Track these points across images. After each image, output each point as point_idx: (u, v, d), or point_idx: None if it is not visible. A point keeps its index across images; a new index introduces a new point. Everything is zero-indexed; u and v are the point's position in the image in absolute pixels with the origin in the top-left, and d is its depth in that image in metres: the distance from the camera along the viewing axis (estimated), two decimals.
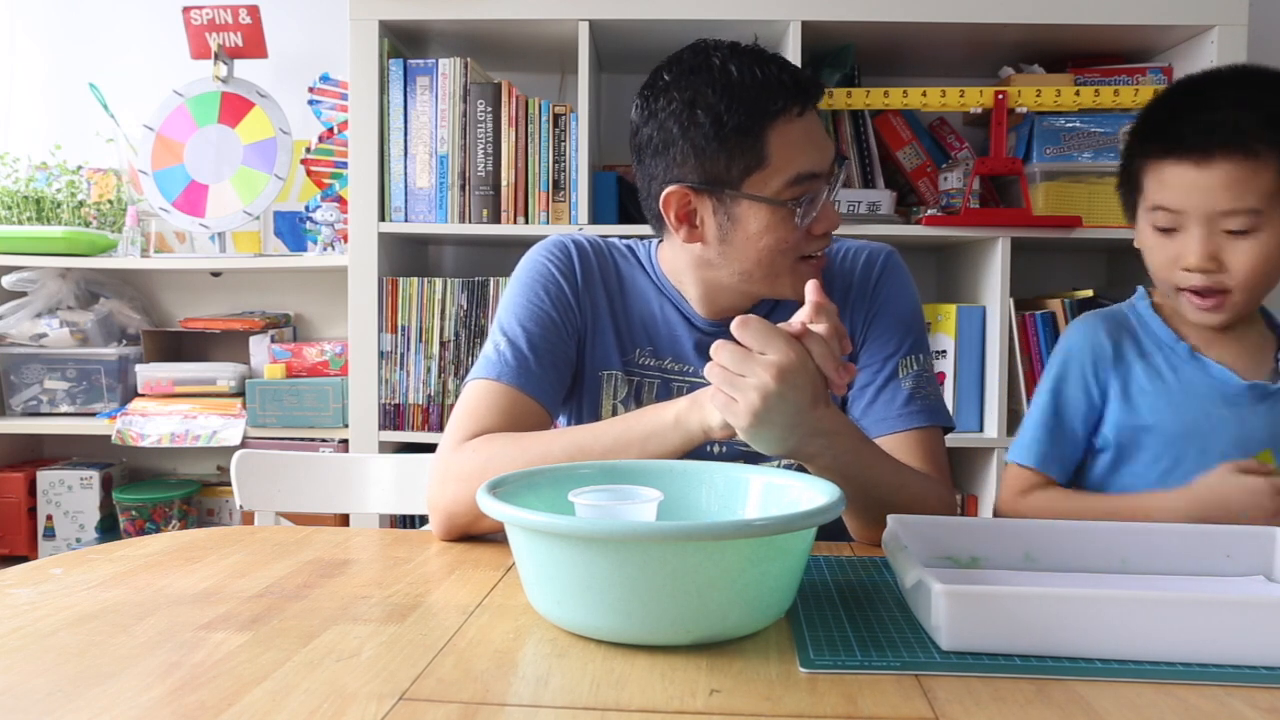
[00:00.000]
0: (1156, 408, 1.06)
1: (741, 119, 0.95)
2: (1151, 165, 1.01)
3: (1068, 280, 2.08)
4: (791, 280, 1.01)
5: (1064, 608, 0.62)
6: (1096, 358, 1.09)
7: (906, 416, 1.04)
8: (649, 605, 0.62)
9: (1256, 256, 0.98)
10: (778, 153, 0.96)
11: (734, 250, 1.00)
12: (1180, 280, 1.01)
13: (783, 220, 0.97)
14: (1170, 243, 1.01)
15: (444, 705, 0.54)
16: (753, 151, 0.96)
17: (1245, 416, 1.03)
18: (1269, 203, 0.96)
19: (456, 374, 1.89)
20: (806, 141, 0.97)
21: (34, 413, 2.13)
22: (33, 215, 2.11)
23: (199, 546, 0.91)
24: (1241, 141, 0.95)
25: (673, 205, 1.00)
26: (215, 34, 2.11)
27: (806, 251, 1.01)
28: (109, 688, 0.56)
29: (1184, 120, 0.99)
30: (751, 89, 0.95)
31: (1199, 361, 1.06)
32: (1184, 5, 1.76)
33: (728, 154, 0.96)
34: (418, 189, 1.88)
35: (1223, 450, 1.02)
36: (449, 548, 0.92)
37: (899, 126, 1.99)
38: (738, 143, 0.95)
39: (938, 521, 0.82)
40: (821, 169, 0.98)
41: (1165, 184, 0.99)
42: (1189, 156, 0.97)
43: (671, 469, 0.84)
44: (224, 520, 2.19)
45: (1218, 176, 0.96)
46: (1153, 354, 1.08)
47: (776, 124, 0.95)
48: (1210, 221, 0.98)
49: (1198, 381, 1.05)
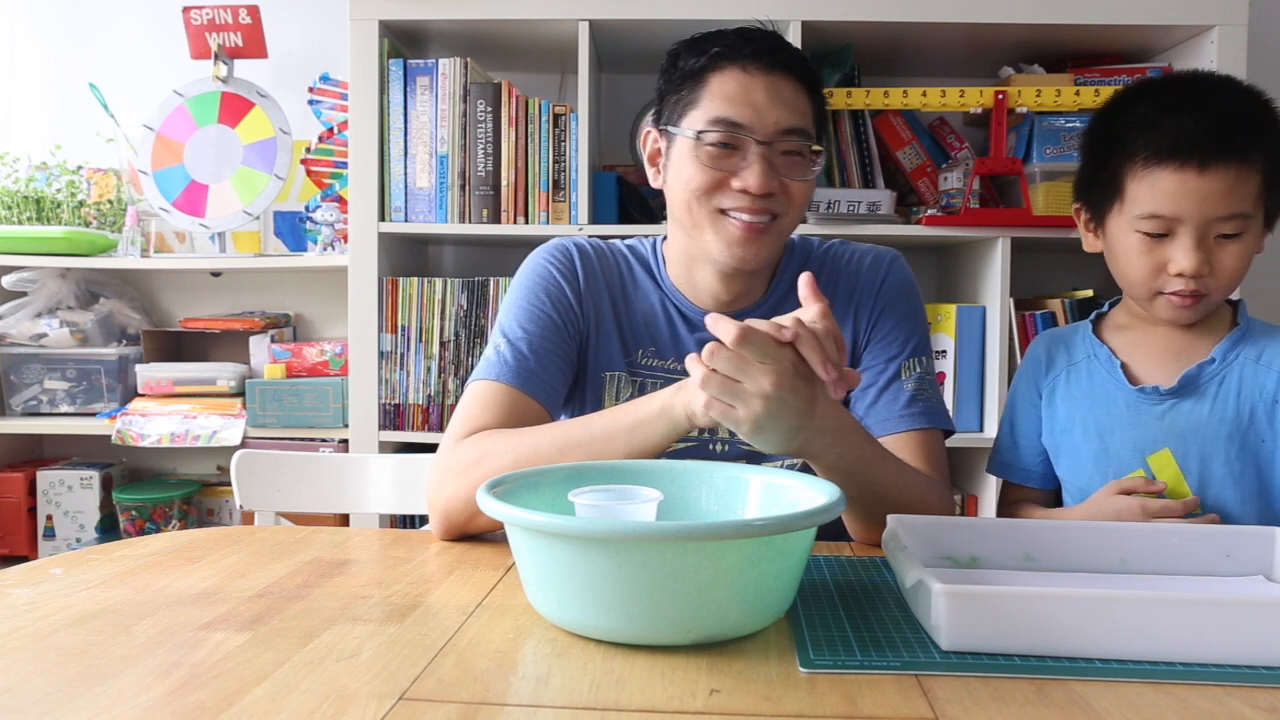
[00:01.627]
0: (1069, 413, 1.11)
1: (693, 60, 1.02)
2: (1138, 171, 0.99)
3: (1068, 280, 2.07)
4: (714, 235, 1.02)
5: (1064, 608, 0.62)
6: (1035, 370, 1.15)
7: (909, 418, 1.04)
8: (649, 605, 0.62)
9: (1241, 259, 0.99)
10: (710, 96, 1.00)
11: (670, 191, 1.05)
12: (1166, 285, 1.00)
13: (693, 157, 1.00)
14: (1158, 248, 1.00)
15: (444, 705, 0.54)
16: (692, 91, 1.02)
17: (1144, 418, 1.05)
18: (1254, 207, 0.98)
19: (456, 374, 1.89)
20: (742, 94, 1.00)
21: (34, 413, 2.13)
22: (33, 215, 2.11)
23: (199, 546, 0.91)
24: (1238, 147, 0.95)
25: (647, 146, 1.09)
26: (215, 34, 2.11)
27: (723, 204, 1.01)
28: (109, 688, 0.56)
29: (1171, 125, 0.97)
30: (712, 39, 1.03)
31: (1111, 366, 1.09)
32: (1184, 5, 1.76)
33: (676, 92, 1.04)
34: (418, 189, 1.88)
35: (1120, 450, 1.06)
36: (449, 548, 0.92)
37: (899, 126, 1.99)
38: (686, 83, 1.03)
39: (938, 521, 0.82)
40: (748, 122, 0.99)
41: (1160, 191, 0.98)
42: (1189, 163, 0.96)
43: (671, 469, 0.84)
44: (224, 520, 2.19)
45: (1216, 182, 0.95)
46: (1079, 363, 1.12)
47: (721, 71, 1.01)
48: (1205, 227, 0.97)
49: (1106, 386, 1.09)
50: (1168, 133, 0.97)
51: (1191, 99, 1.00)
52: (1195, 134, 0.96)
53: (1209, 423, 1.03)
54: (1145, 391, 1.05)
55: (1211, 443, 1.03)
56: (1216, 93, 1.01)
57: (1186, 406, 1.04)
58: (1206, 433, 1.03)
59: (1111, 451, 1.07)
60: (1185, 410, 1.04)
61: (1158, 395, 1.05)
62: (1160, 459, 1.05)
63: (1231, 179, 0.95)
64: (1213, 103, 0.99)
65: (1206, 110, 0.97)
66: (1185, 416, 1.04)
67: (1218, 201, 0.96)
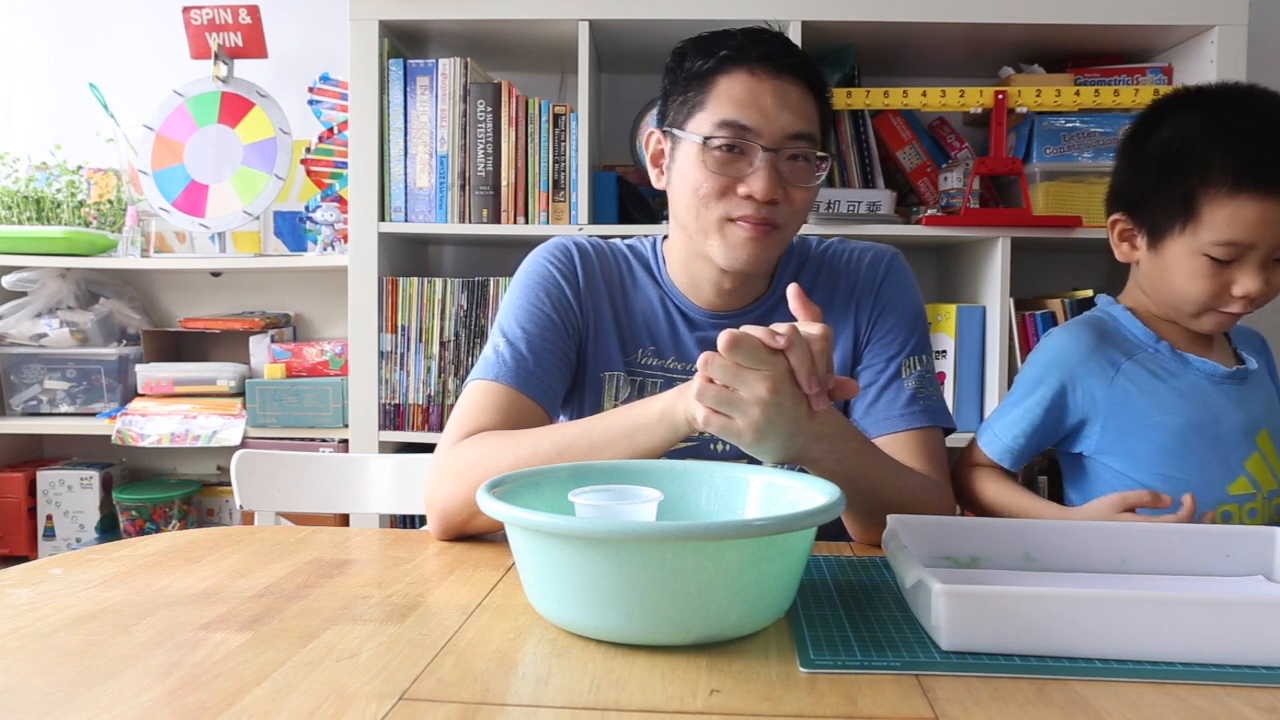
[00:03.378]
0: (1157, 407, 1.08)
1: (699, 62, 1.01)
2: (1218, 196, 0.99)
3: (1068, 280, 2.08)
4: (720, 242, 1.01)
5: (1064, 608, 0.62)
6: (1087, 369, 1.10)
7: (908, 416, 1.04)
8: (649, 605, 0.62)
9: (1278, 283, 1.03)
10: (717, 98, 0.99)
11: (674, 194, 1.04)
12: (1227, 306, 1.03)
13: (699, 161, 0.99)
14: (1224, 272, 1.02)
15: (444, 705, 0.54)
16: (699, 93, 1.01)
17: (1237, 401, 1.08)
18: None
19: (456, 374, 1.89)
20: (749, 98, 0.99)
21: (34, 413, 2.12)
22: (33, 215, 2.11)
23: (199, 546, 0.91)
24: None
25: (649, 147, 1.08)
26: (215, 34, 2.11)
27: (731, 211, 1.00)
28: (109, 688, 0.56)
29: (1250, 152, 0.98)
30: (720, 40, 1.01)
31: (1182, 358, 1.10)
32: (1184, 5, 1.76)
33: (682, 94, 1.03)
34: (418, 189, 1.88)
35: (1233, 437, 1.07)
36: (449, 548, 0.92)
37: (899, 126, 1.99)
38: (692, 85, 1.02)
39: (938, 521, 0.82)
40: (756, 126, 0.98)
41: (1241, 220, 0.99)
42: (1274, 193, 0.97)
43: (672, 469, 0.84)
44: (224, 520, 2.19)
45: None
46: (1138, 355, 1.11)
47: (729, 74, 0.99)
48: (1272, 253, 1.01)
49: (1189, 376, 1.09)
50: (1253, 160, 0.98)
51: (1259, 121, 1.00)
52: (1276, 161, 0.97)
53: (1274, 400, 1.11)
54: (1234, 374, 1.09)
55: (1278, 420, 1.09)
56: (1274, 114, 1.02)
57: (1257, 387, 1.10)
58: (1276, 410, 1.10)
59: (1225, 440, 1.07)
60: (1257, 390, 1.10)
61: (1239, 377, 1.09)
62: (1264, 438, 1.08)
63: None
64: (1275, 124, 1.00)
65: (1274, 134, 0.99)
66: (1260, 396, 1.10)
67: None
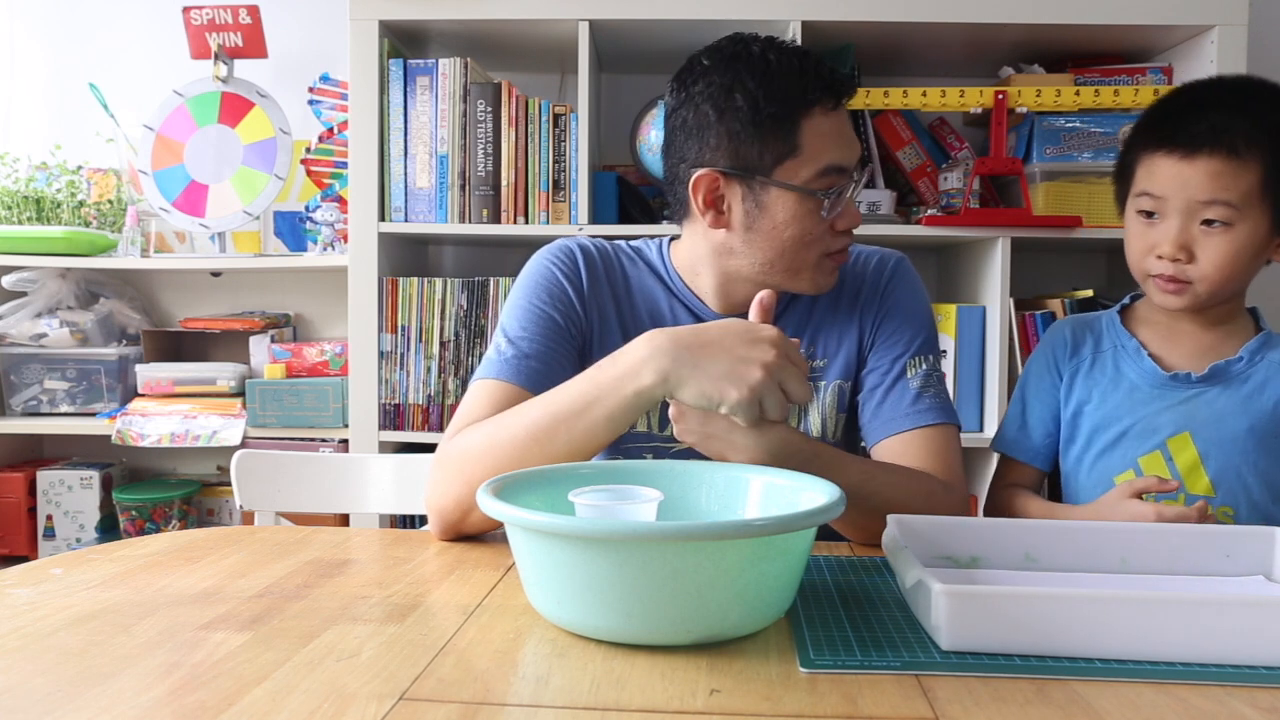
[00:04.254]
0: (1088, 396, 1.14)
1: (778, 106, 0.96)
2: (1144, 157, 1.07)
3: (1068, 280, 2.08)
4: (811, 275, 1.03)
5: (1064, 608, 0.62)
6: (1060, 351, 1.18)
7: (914, 415, 1.03)
8: (649, 605, 0.62)
9: (1224, 252, 1.03)
10: (810, 143, 0.98)
11: (759, 239, 1.01)
12: (1151, 267, 1.07)
13: (809, 211, 0.99)
14: (1150, 230, 1.07)
15: (444, 705, 0.54)
16: (786, 139, 0.97)
17: (1169, 402, 1.09)
18: (1245, 202, 1.02)
19: (456, 374, 1.89)
20: (838, 135, 0.99)
21: (34, 413, 2.12)
22: (33, 215, 2.11)
23: (199, 546, 0.91)
24: (1229, 141, 1.01)
25: (701, 189, 1.00)
26: (215, 34, 2.11)
27: (829, 248, 1.02)
28: (109, 688, 0.56)
29: (1180, 119, 1.05)
30: (790, 77, 0.97)
31: (1138, 355, 1.13)
32: (1184, 5, 1.76)
33: (761, 140, 0.97)
34: (418, 189, 1.88)
35: (1141, 431, 1.10)
36: (449, 548, 0.92)
37: (899, 126, 1.99)
38: (772, 129, 0.97)
39: (938, 521, 0.82)
40: (850, 163, 1.00)
41: (1153, 173, 1.06)
42: (1177, 149, 1.03)
43: (671, 469, 0.84)
44: (224, 520, 2.19)
45: (1201, 169, 1.02)
46: (1106, 351, 1.15)
47: (811, 115, 0.98)
48: (1189, 212, 1.04)
49: (1131, 373, 1.13)
50: (1170, 124, 1.05)
51: (1214, 97, 1.06)
52: (1192, 127, 1.03)
53: (1233, 413, 1.07)
54: (1176, 377, 1.10)
55: (1233, 433, 1.07)
56: (1245, 94, 1.06)
57: (1212, 395, 1.08)
58: (1230, 422, 1.07)
59: (1129, 434, 1.10)
60: (1210, 398, 1.08)
61: (1187, 381, 1.09)
62: (1179, 441, 1.08)
63: (1217, 168, 1.01)
64: (1228, 101, 1.05)
65: (1219, 108, 1.04)
66: (1210, 405, 1.08)
67: (1200, 186, 1.02)
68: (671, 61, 2.17)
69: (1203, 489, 1.07)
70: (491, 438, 0.91)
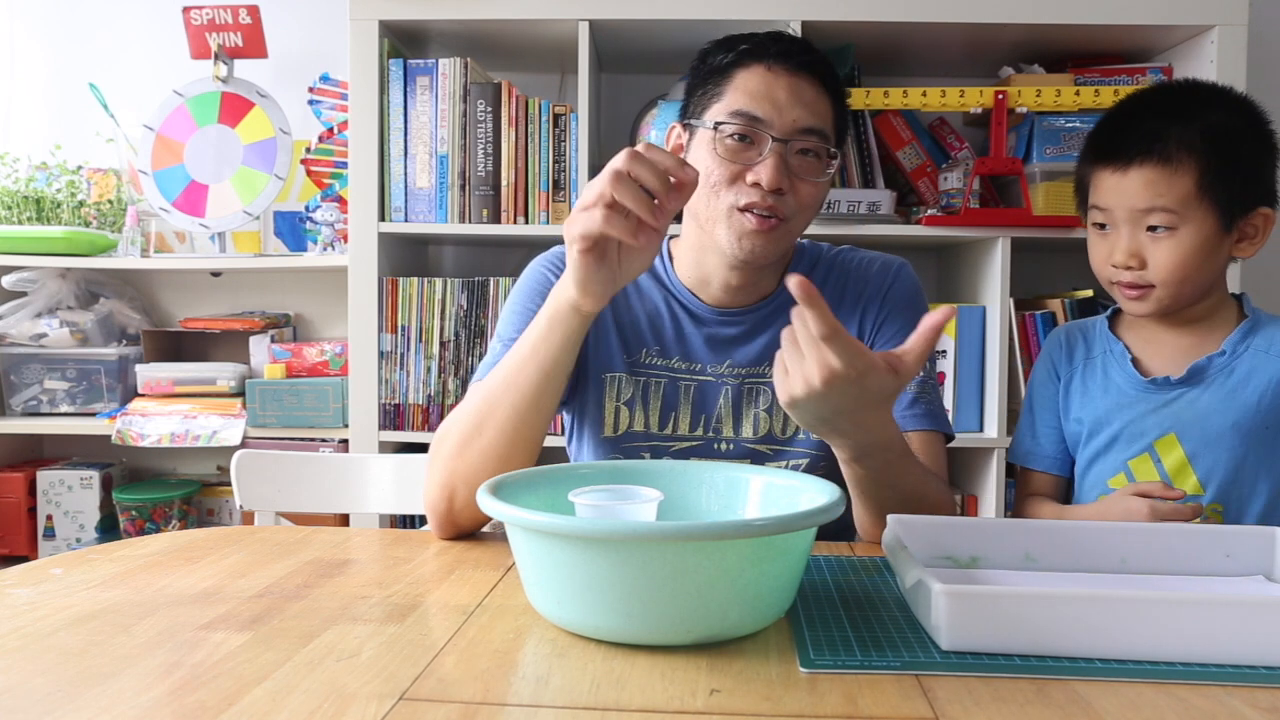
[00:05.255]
0: (1082, 403, 1.16)
1: (719, 57, 1.05)
2: (1091, 172, 1.11)
3: (1068, 280, 2.07)
4: (727, 230, 1.02)
5: (1064, 608, 0.62)
6: (1057, 357, 1.20)
7: (912, 418, 1.05)
8: (649, 605, 0.62)
9: (1174, 255, 1.05)
10: (734, 90, 1.02)
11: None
12: (1111, 275, 1.11)
13: (711, 148, 1.01)
14: (1104, 241, 1.11)
15: (444, 705, 0.54)
16: (717, 86, 1.04)
17: (1153, 404, 1.11)
18: (1184, 206, 1.04)
19: (456, 374, 1.89)
20: (764, 90, 1.01)
21: (34, 413, 2.12)
22: (33, 215, 2.11)
23: (199, 546, 0.91)
24: (1160, 149, 1.04)
25: (669, 142, 1.09)
26: (215, 34, 2.11)
27: (739, 200, 1.00)
28: (109, 688, 0.56)
29: (1118, 132, 1.09)
30: (742, 39, 1.05)
31: (1122, 359, 1.15)
32: (1184, 5, 1.76)
33: (703, 89, 1.05)
34: (418, 189, 1.88)
35: (1127, 436, 1.12)
36: (449, 547, 0.92)
37: (899, 126, 1.99)
38: (710, 78, 1.05)
39: (938, 521, 0.82)
40: (767, 117, 1.00)
41: (1098, 187, 1.10)
42: (1114, 162, 1.07)
43: (672, 469, 0.84)
44: (224, 520, 2.19)
45: (1135, 179, 1.06)
46: (1095, 358, 1.18)
47: (747, 67, 1.02)
48: (1133, 221, 1.07)
49: (1117, 378, 1.14)
50: (1109, 137, 1.10)
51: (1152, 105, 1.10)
52: (1127, 138, 1.07)
53: (1217, 410, 1.08)
54: (1155, 382, 1.11)
55: (1218, 431, 1.08)
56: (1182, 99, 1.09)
57: (1193, 395, 1.09)
58: (1215, 420, 1.08)
59: (1119, 438, 1.12)
60: (1192, 398, 1.09)
61: (1167, 385, 1.10)
62: (1166, 443, 1.10)
63: (1150, 176, 1.05)
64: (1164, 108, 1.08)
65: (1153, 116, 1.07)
66: (1192, 405, 1.09)
67: (1137, 195, 1.05)
68: (671, 61, 2.18)
69: (1191, 488, 1.08)
70: (456, 418, 0.95)
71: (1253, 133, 1.07)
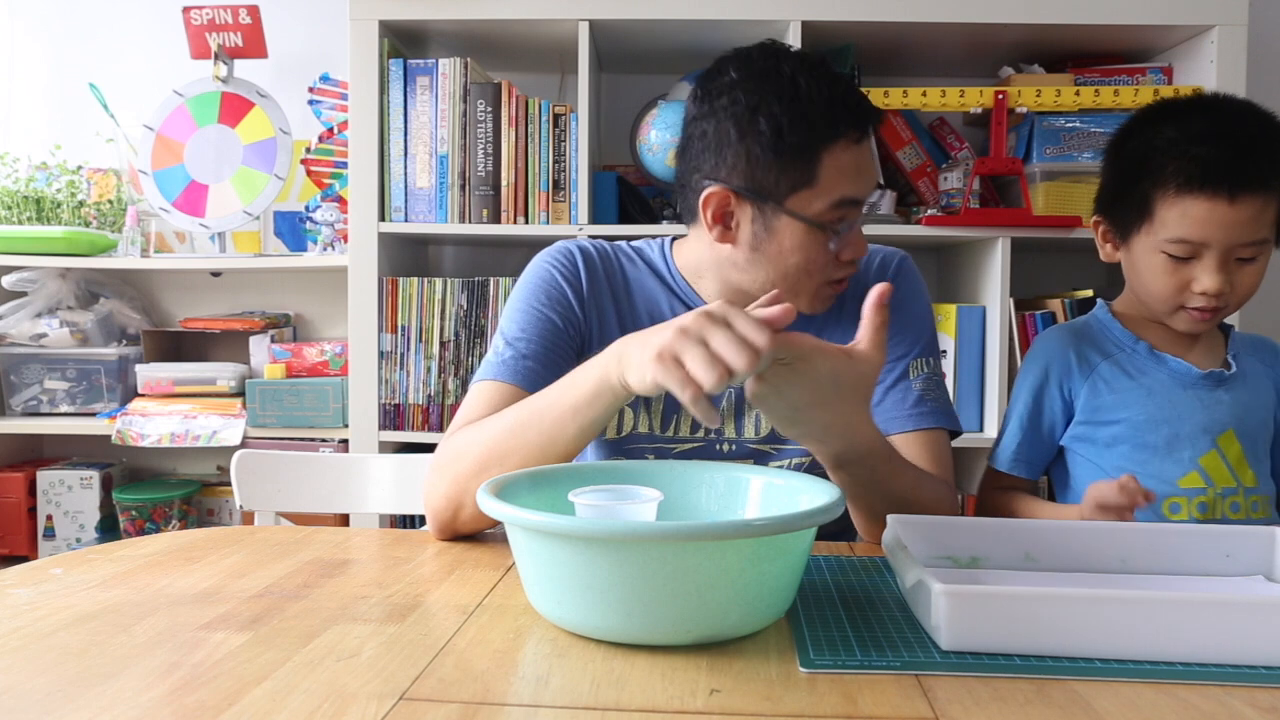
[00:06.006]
0: (1125, 403, 1.13)
1: (802, 136, 0.95)
2: (1169, 197, 1.04)
3: (1068, 280, 2.08)
4: (810, 301, 1.03)
5: (1064, 608, 0.62)
6: (1065, 367, 1.16)
7: (917, 416, 1.04)
8: (649, 605, 0.62)
9: (1256, 278, 1.06)
10: (828, 175, 0.96)
11: (763, 260, 1.00)
12: (1190, 301, 1.06)
13: (817, 242, 0.98)
14: (1183, 269, 1.05)
15: (444, 705, 0.54)
16: (805, 170, 0.96)
17: (1207, 402, 1.11)
18: (1273, 230, 1.04)
19: (456, 374, 1.89)
20: (856, 168, 0.97)
21: (34, 413, 2.13)
22: (33, 215, 2.11)
23: (199, 546, 0.91)
24: (1262, 178, 1.01)
25: (712, 204, 0.99)
26: (215, 34, 2.11)
27: (830, 276, 1.01)
28: (109, 688, 0.56)
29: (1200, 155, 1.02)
30: (817, 107, 0.95)
31: (1158, 358, 1.13)
32: (1184, 5, 1.76)
33: (779, 167, 0.96)
34: (418, 189, 1.88)
35: (1191, 434, 1.10)
36: (449, 548, 0.92)
37: (899, 126, 1.99)
38: (792, 158, 0.95)
39: (938, 521, 0.82)
40: (865, 196, 0.99)
41: (1190, 218, 1.03)
42: (1220, 193, 1.01)
43: (671, 469, 0.84)
44: (224, 520, 2.19)
45: (1244, 212, 1.01)
46: (1115, 355, 1.15)
47: (833, 148, 0.96)
48: (1228, 251, 1.03)
49: (1160, 375, 1.13)
50: (1198, 162, 1.02)
51: (1217, 126, 1.04)
52: (1225, 163, 1.01)
53: (1256, 404, 1.11)
54: (1210, 376, 1.11)
55: (1261, 422, 1.11)
56: (1240, 120, 1.05)
57: (1236, 390, 1.11)
58: (1259, 413, 1.11)
59: (1181, 436, 1.10)
60: (1237, 394, 1.11)
61: (1217, 379, 1.11)
62: (1226, 438, 1.10)
63: (1257, 208, 1.01)
64: (1238, 131, 1.04)
65: (1233, 139, 1.02)
66: (1238, 399, 1.11)
67: (1243, 229, 1.02)
68: (671, 61, 2.18)
69: (1249, 481, 1.10)
70: (476, 438, 0.92)
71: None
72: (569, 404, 0.87)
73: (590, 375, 0.86)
